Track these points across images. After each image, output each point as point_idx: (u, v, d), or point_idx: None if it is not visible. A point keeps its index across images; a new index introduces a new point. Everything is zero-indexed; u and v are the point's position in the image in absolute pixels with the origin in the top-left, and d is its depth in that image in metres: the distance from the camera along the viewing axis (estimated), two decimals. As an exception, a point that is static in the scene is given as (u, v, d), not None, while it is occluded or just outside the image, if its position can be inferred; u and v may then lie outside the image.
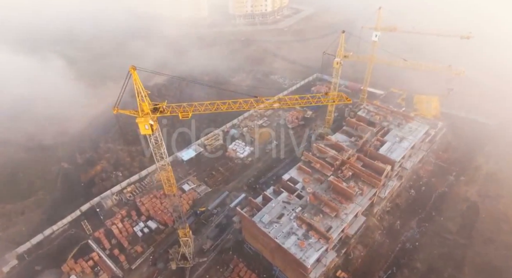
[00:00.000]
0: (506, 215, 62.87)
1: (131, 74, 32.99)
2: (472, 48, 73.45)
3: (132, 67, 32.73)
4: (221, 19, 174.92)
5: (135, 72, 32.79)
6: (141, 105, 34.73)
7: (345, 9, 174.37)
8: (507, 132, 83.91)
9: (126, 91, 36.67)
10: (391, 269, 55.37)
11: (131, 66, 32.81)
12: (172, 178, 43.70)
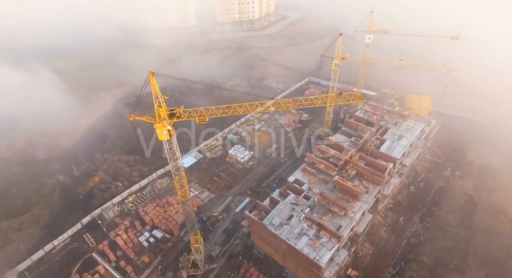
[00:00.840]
0: (502, 207, 65.47)
1: (149, 80, 32.82)
2: (460, 49, 77.17)
3: (151, 72, 32.77)
4: (209, 27, 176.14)
5: (153, 77, 32.73)
6: (158, 111, 34.53)
7: (330, 16, 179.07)
8: (494, 128, 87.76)
9: (119, 100, 36.72)
10: (399, 265, 56.52)
11: (150, 72, 32.81)
12: (186, 184, 43.30)
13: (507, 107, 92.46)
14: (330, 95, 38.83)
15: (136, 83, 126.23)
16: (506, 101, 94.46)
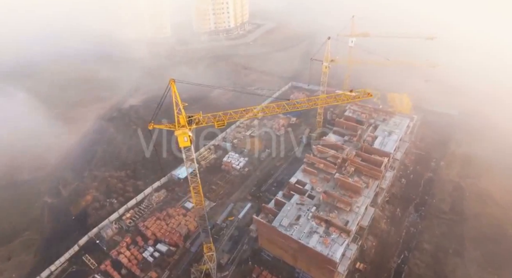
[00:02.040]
0: (487, 191, 70.50)
1: (170, 87, 32.98)
2: (434, 49, 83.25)
3: (171, 79, 32.92)
4: (186, 38, 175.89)
5: (174, 85, 32.88)
6: (178, 118, 34.54)
7: (303, 23, 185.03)
8: (468, 120, 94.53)
9: (101, 116, 35.29)
10: (403, 254, 59.05)
11: (171, 79, 32.97)
12: (201, 190, 43.17)
13: (478, 101, 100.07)
14: (342, 93, 40.76)
15: (118, 97, 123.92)
16: (477, 95, 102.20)
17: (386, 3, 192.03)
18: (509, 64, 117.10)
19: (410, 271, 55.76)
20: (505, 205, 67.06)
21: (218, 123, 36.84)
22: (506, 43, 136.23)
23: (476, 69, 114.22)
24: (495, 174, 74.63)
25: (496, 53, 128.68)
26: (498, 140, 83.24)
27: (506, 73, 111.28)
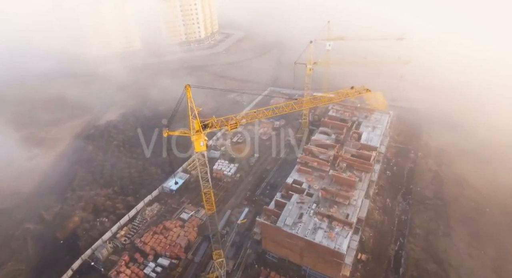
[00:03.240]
0: (462, 175, 76.89)
1: (185, 93, 33.32)
2: (401, 49, 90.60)
3: (187, 85, 33.29)
4: (156, 50, 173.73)
5: (189, 90, 33.24)
6: (193, 123, 34.80)
7: (272, 32, 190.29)
8: (435, 114, 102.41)
9: (77, 134, 33.40)
10: (398, 241, 62.52)
11: (187, 85, 33.33)
12: (212, 196, 43.31)
13: (443, 96, 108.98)
14: (344, 90, 43.34)
15: (92, 114, 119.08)
16: (442, 91, 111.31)
17: (351, 9, 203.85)
18: (471, 62, 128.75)
19: (408, 256, 59.17)
20: (479, 187, 73.49)
21: (231, 126, 37.57)
22: (468, 42, 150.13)
23: (441, 67, 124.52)
24: (466, 160, 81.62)
25: (459, 52, 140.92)
26: (463, 130, 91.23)
27: (468, 71, 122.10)
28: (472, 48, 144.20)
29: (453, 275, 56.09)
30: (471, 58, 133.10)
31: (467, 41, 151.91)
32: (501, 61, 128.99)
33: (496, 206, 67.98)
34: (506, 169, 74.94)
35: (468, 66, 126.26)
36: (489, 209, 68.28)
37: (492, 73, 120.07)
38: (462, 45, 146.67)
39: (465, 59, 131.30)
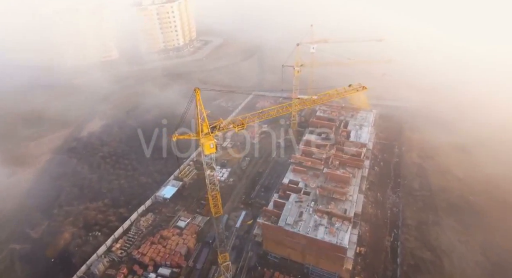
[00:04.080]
0: (445, 167, 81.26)
1: (195, 96, 33.54)
2: (384, 50, 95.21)
3: (196, 88, 33.57)
4: (135, 59, 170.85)
5: (199, 93, 33.50)
6: (201, 126, 35.00)
7: (251, 38, 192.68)
8: (414, 110, 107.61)
9: (58, 147, 31.77)
10: (393, 232, 65.03)
11: (196, 88, 33.61)
12: (219, 199, 43.43)
13: (421, 93, 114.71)
14: (342, 88, 45.22)
15: (73, 127, 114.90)
16: (420, 88, 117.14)
17: (332, 12, 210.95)
18: (447, 61, 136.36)
19: (403, 246, 61.61)
20: (461, 177, 77.96)
21: (238, 127, 38.07)
22: (444, 42, 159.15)
23: (418, 66, 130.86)
24: (447, 152, 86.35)
25: (435, 51, 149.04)
26: (443, 124, 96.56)
27: (449, 69, 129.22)
28: (453, 47, 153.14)
29: (446, 260, 58.99)
30: (452, 57, 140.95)
31: (449, 40, 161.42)
32: (484, 58, 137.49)
33: (479, 193, 72.34)
34: (487, 159, 79.94)
35: (450, 64, 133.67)
36: (472, 196, 72.51)
37: (473, 71, 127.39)
38: (443, 44, 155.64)
39: (446, 58, 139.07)
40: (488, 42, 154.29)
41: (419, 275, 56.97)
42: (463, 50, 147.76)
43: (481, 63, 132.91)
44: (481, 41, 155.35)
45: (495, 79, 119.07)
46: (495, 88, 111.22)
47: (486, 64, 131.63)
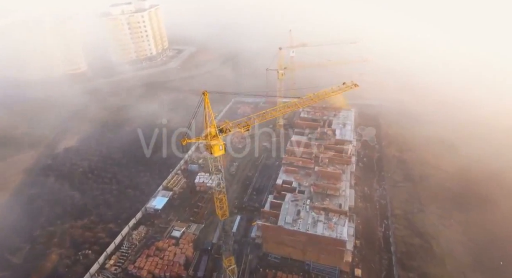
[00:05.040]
0: (422, 158, 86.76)
1: (203, 99, 33.84)
2: (360, 51, 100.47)
3: (205, 91, 33.91)
4: (105, 70, 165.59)
5: (207, 96, 33.85)
6: (210, 129, 35.27)
7: (224, 45, 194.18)
8: (388, 107, 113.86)
9: (30, 166, 29.94)
10: (383, 223, 68.24)
11: (204, 91, 33.94)
12: (226, 202, 43.62)
13: (393, 91, 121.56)
14: (337, 86, 47.36)
15: (45, 143, 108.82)
16: (392, 87, 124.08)
17: (309, 17, 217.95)
18: (417, 60, 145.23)
19: (394, 235, 64.81)
20: (438, 167, 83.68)
21: (244, 129, 38.71)
22: (414, 42, 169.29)
23: (392, 66, 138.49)
24: (422, 144, 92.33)
25: (405, 51, 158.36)
26: (417, 119, 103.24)
27: (414, 69, 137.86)
28: (425, 47, 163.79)
29: (434, 244, 62.94)
30: (425, 58, 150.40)
31: (421, 40, 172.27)
32: (458, 58, 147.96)
33: (455, 180, 78.03)
34: (460, 149, 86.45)
35: (422, 64, 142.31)
36: (449, 183, 77.99)
37: (446, 70, 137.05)
38: (415, 45, 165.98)
39: (419, 59, 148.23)
40: (462, 42, 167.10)
41: (412, 260, 60.20)
42: (437, 50, 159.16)
43: (455, 63, 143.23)
44: (455, 42, 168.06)
45: (468, 78, 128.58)
46: (468, 86, 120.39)
47: (460, 64, 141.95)
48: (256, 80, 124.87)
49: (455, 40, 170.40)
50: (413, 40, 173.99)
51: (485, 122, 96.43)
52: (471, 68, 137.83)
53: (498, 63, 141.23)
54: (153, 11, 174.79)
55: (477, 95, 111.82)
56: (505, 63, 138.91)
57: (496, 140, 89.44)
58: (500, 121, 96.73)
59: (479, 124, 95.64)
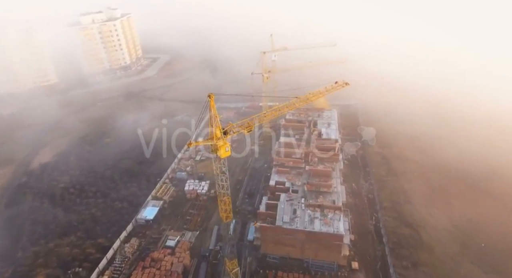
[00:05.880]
0: (402, 153, 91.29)
1: (209, 101, 34.06)
2: (338, 54, 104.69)
3: (211, 94, 34.15)
4: (77, 81, 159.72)
5: (213, 99, 34.09)
6: (215, 131, 35.46)
7: (199, 53, 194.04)
8: (367, 107, 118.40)
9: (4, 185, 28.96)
10: (373, 216, 70.93)
11: (210, 93, 34.18)
12: (230, 204, 43.71)
13: (369, 92, 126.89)
14: (330, 85, 49.11)
15: (18, 160, 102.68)
16: (368, 88, 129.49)
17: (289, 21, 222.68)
18: (394, 61, 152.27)
19: (385, 227, 67.50)
20: (417, 160, 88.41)
21: (247, 129, 39.19)
22: (394, 43, 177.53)
23: (368, 68, 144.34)
24: (401, 140, 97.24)
25: (383, 52, 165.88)
26: (391, 117, 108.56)
27: (388, 70, 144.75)
28: (405, 47, 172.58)
29: (423, 232, 66.29)
30: (405, 57, 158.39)
31: (396, 40, 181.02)
32: (432, 59, 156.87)
33: (434, 171, 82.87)
34: (438, 144, 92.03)
35: (401, 64, 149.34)
36: (429, 175, 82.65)
37: (424, 69, 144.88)
38: (394, 46, 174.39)
39: (398, 59, 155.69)
40: (441, 42, 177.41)
41: (403, 249, 62.96)
42: (416, 50, 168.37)
43: (435, 62, 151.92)
44: (435, 41, 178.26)
45: (448, 77, 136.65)
46: (446, 85, 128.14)
47: (440, 63, 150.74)
48: (238, 85, 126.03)
49: (434, 40, 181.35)
50: (392, 41, 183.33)
51: (463, 119, 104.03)
52: (451, 67, 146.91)
53: (476, 61, 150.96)
54: (125, 20, 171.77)
55: (454, 94, 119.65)
56: (483, 61, 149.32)
57: (472, 133, 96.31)
58: (476, 116, 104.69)
59: (456, 121, 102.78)
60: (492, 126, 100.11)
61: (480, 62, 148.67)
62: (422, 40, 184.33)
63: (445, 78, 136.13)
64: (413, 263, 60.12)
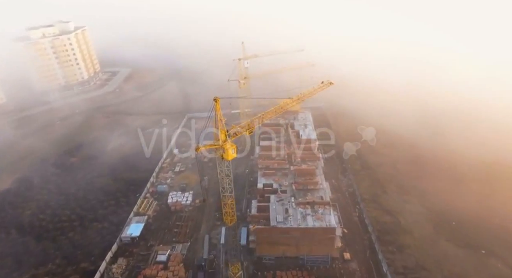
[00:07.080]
0: (374, 148, 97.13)
1: (215, 104, 34.46)
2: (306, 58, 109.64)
3: (216, 97, 34.54)
4: (29, 100, 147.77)
5: (218, 103, 34.53)
6: (221, 133, 35.84)
7: (162, 65, 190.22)
8: (332, 108, 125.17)
9: None
10: (356, 208, 75.07)
11: (216, 97, 34.56)
12: (234, 207, 43.83)
13: (335, 93, 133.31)
14: (318, 86, 51.54)
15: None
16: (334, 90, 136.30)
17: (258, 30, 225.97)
18: (357, 64, 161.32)
19: (368, 217, 71.72)
20: (388, 154, 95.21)
21: (249, 131, 39.99)
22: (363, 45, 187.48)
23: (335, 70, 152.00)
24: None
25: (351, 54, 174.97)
26: (356, 115, 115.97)
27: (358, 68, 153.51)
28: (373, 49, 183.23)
29: (401, 218, 71.59)
30: (374, 58, 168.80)
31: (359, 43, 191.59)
32: (406, 55, 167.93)
33: (401, 162, 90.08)
34: (404, 137, 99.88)
35: (368, 64, 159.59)
36: (398, 165, 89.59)
37: (392, 69, 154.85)
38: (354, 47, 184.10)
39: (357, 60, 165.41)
40: (411, 41, 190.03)
41: (388, 235, 67.44)
42: (384, 51, 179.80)
43: (404, 62, 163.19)
44: (403, 41, 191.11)
45: (417, 76, 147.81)
46: (416, 83, 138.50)
47: (409, 62, 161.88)
48: (209, 93, 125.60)
49: (403, 39, 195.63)
50: (361, 43, 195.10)
51: (434, 113, 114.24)
52: (421, 66, 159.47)
53: (446, 58, 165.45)
54: (80, 33, 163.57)
55: (422, 92, 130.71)
56: (453, 56, 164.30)
57: (435, 121, 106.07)
58: (447, 109, 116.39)
59: (429, 115, 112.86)
60: (460, 118, 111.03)
61: (448, 57, 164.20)
62: (390, 38, 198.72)
63: (415, 75, 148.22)
64: (398, 247, 64.65)
